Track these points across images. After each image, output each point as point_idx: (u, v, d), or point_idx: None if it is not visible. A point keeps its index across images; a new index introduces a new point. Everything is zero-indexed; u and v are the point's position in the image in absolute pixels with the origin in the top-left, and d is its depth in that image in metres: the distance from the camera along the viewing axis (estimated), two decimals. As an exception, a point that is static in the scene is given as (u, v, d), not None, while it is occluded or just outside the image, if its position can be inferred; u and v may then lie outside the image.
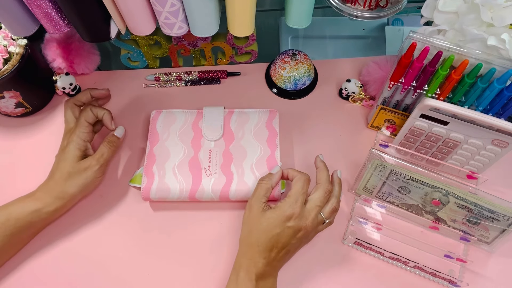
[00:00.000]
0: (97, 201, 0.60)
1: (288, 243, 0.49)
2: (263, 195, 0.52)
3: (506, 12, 0.47)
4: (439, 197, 0.52)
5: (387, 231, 0.57)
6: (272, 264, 0.50)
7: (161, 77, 0.71)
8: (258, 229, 0.49)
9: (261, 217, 0.50)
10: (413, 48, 0.50)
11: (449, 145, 0.56)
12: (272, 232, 0.49)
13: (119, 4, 0.51)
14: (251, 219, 0.51)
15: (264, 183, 0.53)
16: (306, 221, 0.50)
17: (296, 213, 0.49)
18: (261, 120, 0.63)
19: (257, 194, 0.52)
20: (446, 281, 0.54)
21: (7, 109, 0.65)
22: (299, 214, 0.49)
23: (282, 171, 0.55)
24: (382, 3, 0.59)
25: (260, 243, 0.49)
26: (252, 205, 0.51)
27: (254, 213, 0.50)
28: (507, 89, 0.49)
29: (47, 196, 0.54)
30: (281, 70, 0.67)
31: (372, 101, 0.67)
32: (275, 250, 0.49)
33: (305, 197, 0.51)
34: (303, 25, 0.57)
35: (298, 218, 0.49)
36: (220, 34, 0.70)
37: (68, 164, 0.55)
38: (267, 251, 0.49)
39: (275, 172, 0.55)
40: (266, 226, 0.49)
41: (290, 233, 0.49)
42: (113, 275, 0.55)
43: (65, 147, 0.56)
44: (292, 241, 0.49)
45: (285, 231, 0.49)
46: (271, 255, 0.49)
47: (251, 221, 0.50)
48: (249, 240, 0.50)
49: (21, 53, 0.60)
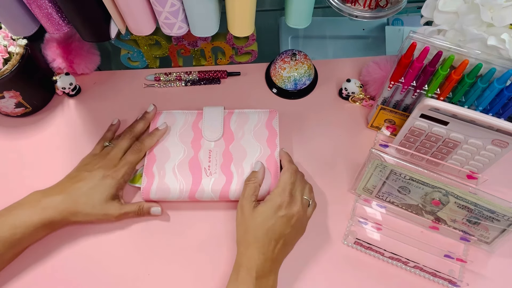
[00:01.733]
0: (97, 201, 0.60)
1: (284, 233, 0.50)
2: (252, 194, 0.53)
3: (506, 12, 0.47)
4: (439, 197, 0.52)
5: (387, 231, 0.57)
6: (272, 259, 0.50)
7: (161, 77, 0.71)
8: (253, 225, 0.50)
9: (253, 213, 0.51)
10: (413, 48, 0.50)
11: (449, 145, 0.56)
12: (267, 224, 0.50)
13: (119, 4, 0.51)
14: (244, 219, 0.52)
15: (251, 183, 0.55)
16: (296, 207, 0.51)
17: (285, 202, 0.51)
18: (261, 120, 0.63)
19: (246, 194, 0.53)
20: (446, 281, 0.54)
21: (7, 109, 0.65)
22: (289, 202, 0.51)
23: (264, 167, 0.57)
24: (382, 3, 0.59)
25: (258, 239, 0.50)
26: (243, 205, 0.53)
27: (246, 212, 0.52)
28: (507, 89, 0.49)
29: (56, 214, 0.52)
30: (281, 70, 0.67)
31: (372, 101, 0.67)
32: (273, 243, 0.50)
33: (292, 187, 0.53)
34: (303, 25, 0.57)
35: (289, 206, 0.51)
36: (220, 34, 0.70)
37: (97, 202, 0.53)
38: (266, 246, 0.49)
39: (258, 169, 0.56)
40: (260, 220, 0.50)
41: (284, 222, 0.50)
42: (113, 275, 0.55)
43: (103, 177, 0.54)
44: (287, 230, 0.50)
45: (278, 220, 0.50)
46: (269, 249, 0.49)
47: (245, 221, 0.51)
48: (246, 239, 0.50)
49: (21, 53, 0.60)
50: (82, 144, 0.64)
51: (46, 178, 0.57)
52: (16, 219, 0.51)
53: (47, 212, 0.52)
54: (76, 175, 0.56)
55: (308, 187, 0.55)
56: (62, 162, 0.63)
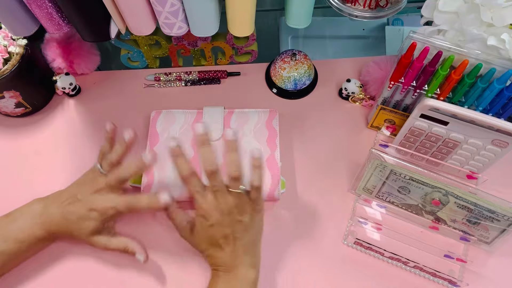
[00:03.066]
0: (97, 201, 0.60)
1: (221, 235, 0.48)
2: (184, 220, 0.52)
3: (506, 12, 0.47)
4: (439, 197, 0.52)
5: (387, 231, 0.57)
6: (230, 255, 0.48)
7: (161, 77, 0.71)
8: (196, 243, 0.51)
9: (192, 235, 0.51)
10: (413, 48, 0.50)
11: (449, 145, 0.56)
12: (202, 238, 0.50)
13: (119, 4, 0.51)
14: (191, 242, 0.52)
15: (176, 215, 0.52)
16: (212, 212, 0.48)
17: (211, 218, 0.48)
18: (261, 120, 0.63)
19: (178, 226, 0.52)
20: (446, 281, 0.54)
21: (7, 109, 0.65)
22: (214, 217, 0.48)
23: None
24: (382, 3, 0.59)
25: (204, 249, 0.50)
26: (185, 238, 0.52)
27: (188, 236, 0.51)
28: (507, 89, 0.49)
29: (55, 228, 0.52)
30: (281, 70, 0.67)
31: (372, 101, 0.67)
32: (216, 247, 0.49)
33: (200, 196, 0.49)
34: (303, 25, 0.57)
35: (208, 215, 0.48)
36: (220, 34, 0.70)
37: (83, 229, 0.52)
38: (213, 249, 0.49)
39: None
40: (198, 239, 0.50)
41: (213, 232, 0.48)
42: (113, 275, 0.55)
43: (87, 211, 0.51)
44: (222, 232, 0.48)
45: (208, 230, 0.49)
46: (220, 250, 0.49)
47: (192, 243, 0.52)
48: (202, 253, 0.51)
49: (21, 53, 0.60)
50: (82, 144, 0.64)
51: (46, 178, 0.57)
52: (19, 233, 0.51)
53: (48, 226, 0.52)
54: (73, 196, 0.53)
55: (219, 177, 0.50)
56: (62, 162, 0.63)
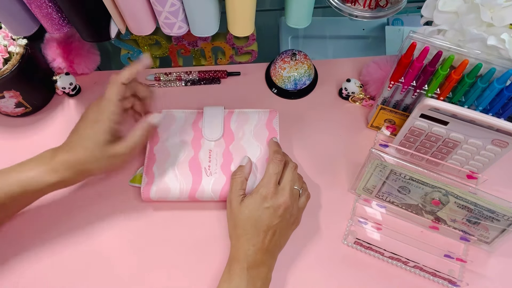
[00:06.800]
0: (96, 200, 0.60)
1: (271, 224, 0.50)
2: (240, 189, 0.54)
3: (506, 12, 0.47)
4: (439, 197, 0.52)
5: (387, 231, 0.57)
6: (263, 250, 0.50)
7: (161, 77, 0.71)
8: (241, 218, 0.51)
9: (241, 207, 0.51)
10: (413, 48, 0.50)
11: (449, 145, 0.56)
12: (254, 216, 0.50)
13: (119, 4, 0.51)
14: (233, 213, 0.52)
15: (238, 177, 0.55)
16: (282, 198, 0.51)
17: (270, 192, 0.51)
18: (261, 120, 0.63)
19: (233, 189, 0.54)
20: (446, 281, 0.54)
21: (7, 109, 0.65)
22: (273, 192, 0.51)
23: (251, 161, 0.58)
24: (382, 3, 0.59)
25: (247, 231, 0.50)
26: (231, 200, 0.53)
27: (234, 206, 0.52)
28: (507, 89, 0.49)
29: (69, 172, 0.50)
30: (281, 70, 0.67)
31: (372, 101, 0.67)
32: (262, 234, 0.50)
33: (278, 177, 0.53)
34: (303, 25, 0.57)
35: (274, 197, 0.51)
36: (220, 34, 0.70)
37: (96, 147, 0.50)
38: (255, 237, 0.50)
39: (245, 163, 0.57)
40: (247, 213, 0.51)
41: (270, 213, 0.50)
42: (113, 274, 0.55)
43: (94, 122, 0.50)
44: (275, 221, 0.50)
45: (265, 212, 0.50)
46: (259, 240, 0.50)
47: (233, 214, 0.52)
48: (236, 232, 0.51)
49: (21, 53, 0.60)
50: (82, 144, 0.64)
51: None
52: (28, 177, 0.50)
53: (58, 172, 0.50)
54: (76, 126, 0.53)
55: (299, 177, 0.55)
56: (62, 162, 0.63)
